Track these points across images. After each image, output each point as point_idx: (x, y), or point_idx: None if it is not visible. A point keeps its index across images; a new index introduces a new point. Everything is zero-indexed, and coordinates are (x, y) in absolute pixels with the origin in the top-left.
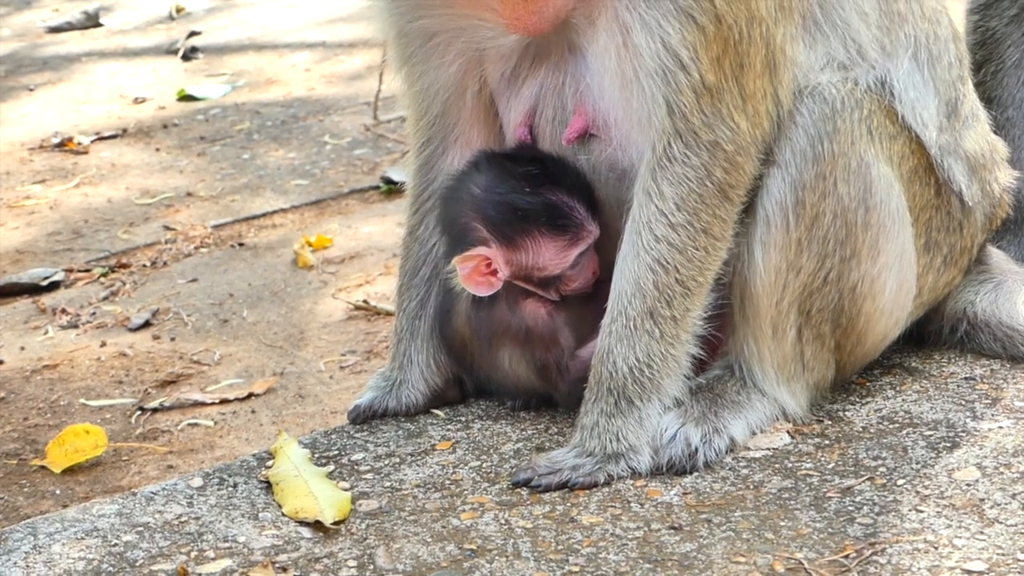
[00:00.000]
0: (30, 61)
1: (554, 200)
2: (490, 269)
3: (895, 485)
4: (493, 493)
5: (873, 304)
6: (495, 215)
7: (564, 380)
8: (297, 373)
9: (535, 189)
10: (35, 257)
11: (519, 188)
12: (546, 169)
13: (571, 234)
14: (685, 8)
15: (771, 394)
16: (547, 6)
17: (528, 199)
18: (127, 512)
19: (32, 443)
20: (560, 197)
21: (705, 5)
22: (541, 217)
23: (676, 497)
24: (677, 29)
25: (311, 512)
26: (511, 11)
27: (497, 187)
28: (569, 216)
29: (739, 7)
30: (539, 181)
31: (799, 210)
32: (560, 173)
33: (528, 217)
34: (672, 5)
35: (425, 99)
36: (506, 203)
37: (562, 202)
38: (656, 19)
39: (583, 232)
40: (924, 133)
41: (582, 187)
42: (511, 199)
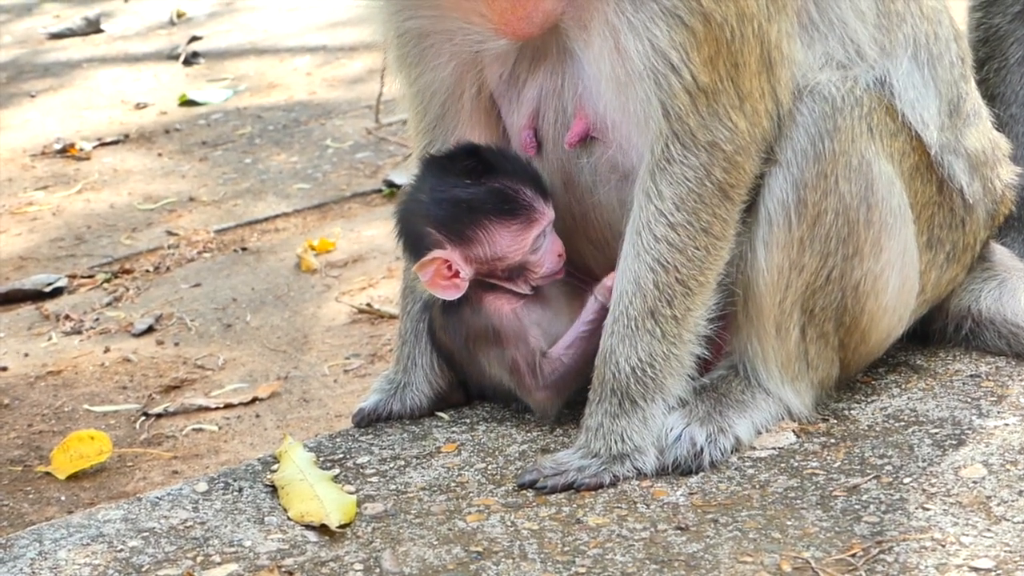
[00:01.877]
0: (31, 67)
1: (497, 187)
2: (452, 271)
3: (901, 483)
4: (499, 495)
5: (876, 302)
6: (442, 213)
7: (538, 383)
8: (301, 377)
9: (476, 180)
10: (38, 263)
11: (460, 183)
12: (484, 160)
13: (522, 217)
14: (671, 9)
15: (776, 393)
16: (535, 11)
17: (470, 190)
18: (132, 518)
19: (37, 449)
20: (503, 183)
21: (692, 5)
22: (487, 205)
23: (682, 497)
24: (665, 31)
25: (317, 516)
26: (499, 16)
27: (439, 187)
28: (515, 199)
29: (728, 5)
30: (479, 172)
31: (801, 209)
32: (499, 161)
33: (474, 207)
34: (658, 7)
35: (423, 101)
36: (450, 199)
37: (506, 187)
38: (643, 22)
39: (534, 214)
40: (924, 133)
41: (525, 172)
42: (453, 194)
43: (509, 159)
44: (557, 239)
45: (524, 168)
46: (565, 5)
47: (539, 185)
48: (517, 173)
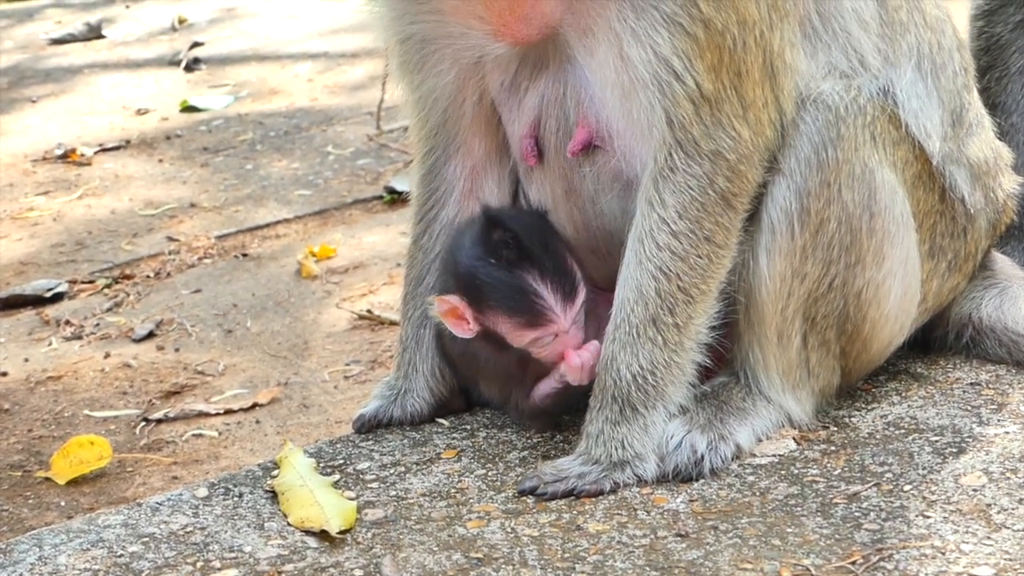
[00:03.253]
0: (33, 73)
1: (516, 281)
2: (462, 316)
3: (902, 491)
4: (499, 501)
5: (878, 310)
6: (462, 275)
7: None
8: (301, 383)
9: (502, 264)
10: (39, 269)
11: (486, 259)
12: (521, 247)
13: (527, 319)
14: (672, 16)
15: (776, 401)
16: (533, 12)
17: (491, 273)
18: (132, 523)
19: (36, 455)
20: (526, 279)
21: (692, 11)
22: (498, 293)
23: (682, 504)
24: (666, 38)
25: (317, 521)
26: (498, 19)
27: (471, 249)
28: (527, 300)
29: (728, 11)
30: (510, 256)
31: (804, 217)
32: (536, 253)
33: (487, 290)
34: (659, 14)
35: (425, 108)
36: (470, 269)
37: (526, 285)
38: (645, 29)
39: (542, 321)
40: (927, 143)
41: (557, 273)
42: (475, 267)
43: (551, 253)
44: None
45: (560, 268)
46: (564, 9)
47: (568, 287)
48: (548, 272)
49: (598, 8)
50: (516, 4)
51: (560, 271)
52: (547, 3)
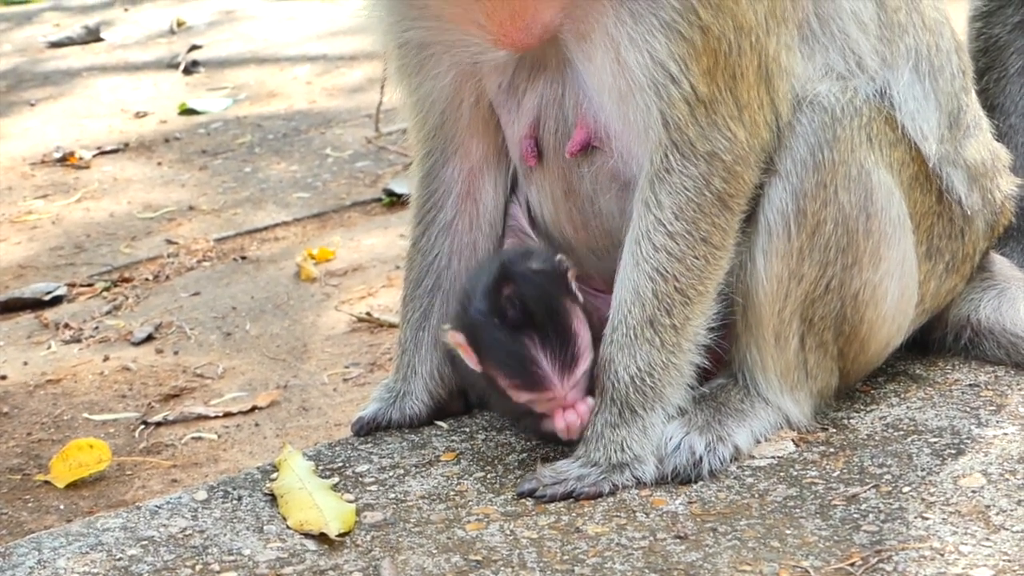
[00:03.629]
0: (31, 76)
1: (516, 348)
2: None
3: (900, 492)
4: (498, 504)
5: (875, 311)
6: (468, 325)
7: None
8: (300, 386)
9: (505, 323)
10: (37, 272)
11: (490, 315)
12: (526, 311)
13: (523, 383)
14: (669, 22)
15: (775, 402)
16: (535, 23)
17: (493, 334)
18: (132, 526)
19: (36, 458)
20: (527, 346)
21: (691, 18)
22: (495, 356)
23: (681, 506)
24: (663, 43)
25: (316, 524)
26: (498, 27)
27: (480, 301)
28: (524, 370)
29: (725, 18)
30: (514, 318)
31: (800, 218)
32: (541, 320)
33: (485, 348)
34: (657, 20)
35: (423, 110)
36: (475, 324)
37: (525, 353)
38: (642, 34)
39: (538, 388)
40: (923, 145)
41: (562, 341)
42: (479, 322)
43: (556, 319)
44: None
45: (564, 336)
46: (564, 17)
47: (569, 356)
48: (550, 341)
49: (595, 14)
50: (517, 14)
51: (564, 340)
52: (547, 12)
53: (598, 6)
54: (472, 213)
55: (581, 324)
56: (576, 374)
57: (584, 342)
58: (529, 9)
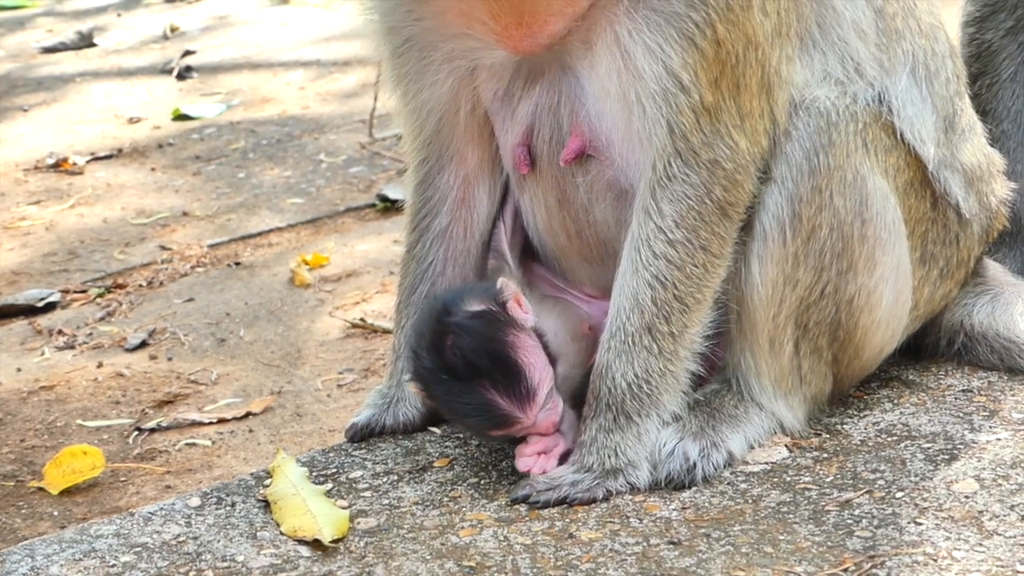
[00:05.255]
0: (24, 82)
1: (469, 399)
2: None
3: (894, 498)
4: (492, 510)
5: (870, 317)
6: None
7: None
8: (294, 392)
9: (454, 379)
10: (31, 278)
11: (438, 372)
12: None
13: (489, 427)
14: (688, 33)
15: (769, 408)
16: (541, 31)
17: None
18: (125, 533)
19: (29, 464)
20: (480, 393)
21: (707, 31)
22: (454, 412)
23: (675, 512)
24: (679, 53)
25: (310, 530)
26: (504, 29)
27: (427, 357)
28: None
29: (738, 33)
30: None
31: (796, 223)
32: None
33: (443, 405)
34: (675, 31)
35: (420, 118)
36: (427, 383)
37: (480, 400)
38: (659, 44)
39: (504, 425)
40: (922, 149)
41: (512, 378)
42: (430, 380)
43: (500, 359)
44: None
45: (513, 372)
46: (571, 25)
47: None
48: (500, 381)
49: (606, 24)
50: (525, 20)
51: (515, 376)
52: (558, 24)
53: (611, 16)
54: (467, 220)
55: (531, 352)
56: (538, 401)
57: (538, 368)
58: (538, 18)
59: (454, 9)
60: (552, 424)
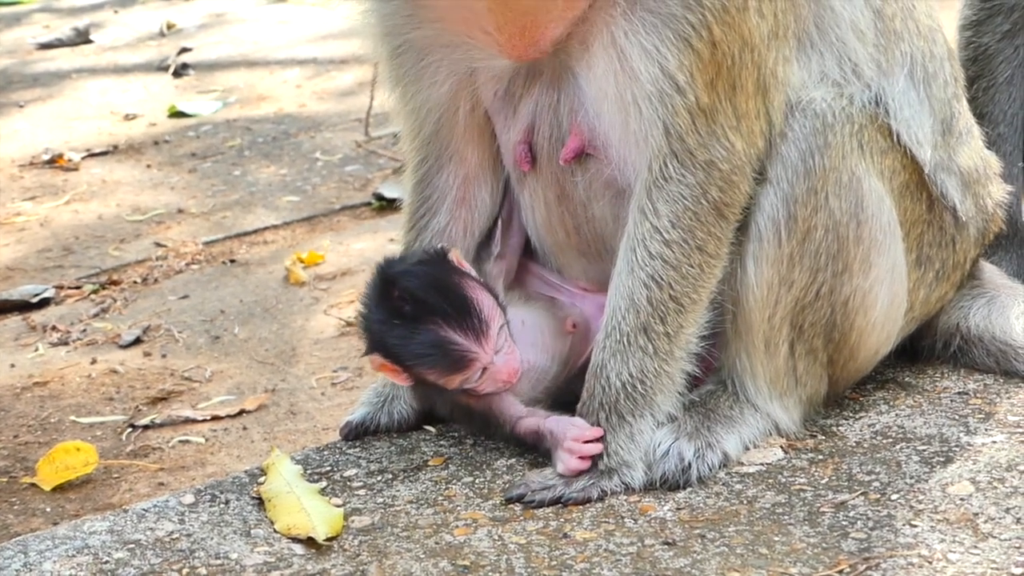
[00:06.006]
0: (20, 78)
1: (423, 338)
2: (394, 369)
3: (889, 500)
4: (486, 509)
5: (865, 318)
6: (376, 341)
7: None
8: (289, 390)
9: (406, 323)
10: (25, 274)
11: (389, 320)
12: (418, 301)
13: (448, 366)
14: (684, 35)
15: (764, 409)
16: (543, 38)
17: (398, 334)
18: (118, 529)
19: (22, 460)
20: (434, 331)
21: (703, 33)
22: (410, 354)
23: (670, 512)
24: (675, 54)
25: (303, 529)
26: (506, 39)
27: (375, 312)
28: (442, 353)
29: (735, 35)
30: (411, 312)
31: (791, 224)
32: (434, 302)
33: (399, 352)
34: (671, 32)
35: (419, 118)
36: (380, 335)
37: (435, 338)
38: (655, 45)
39: (464, 364)
40: (919, 151)
41: (463, 311)
42: (382, 331)
43: (450, 295)
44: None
45: (464, 306)
46: (571, 28)
47: (477, 322)
48: (452, 316)
49: (603, 25)
50: (527, 29)
51: (464, 309)
52: (558, 28)
53: (608, 18)
54: (467, 219)
55: (478, 290)
56: (491, 334)
57: (487, 304)
58: (540, 26)
59: (456, 17)
60: (512, 370)
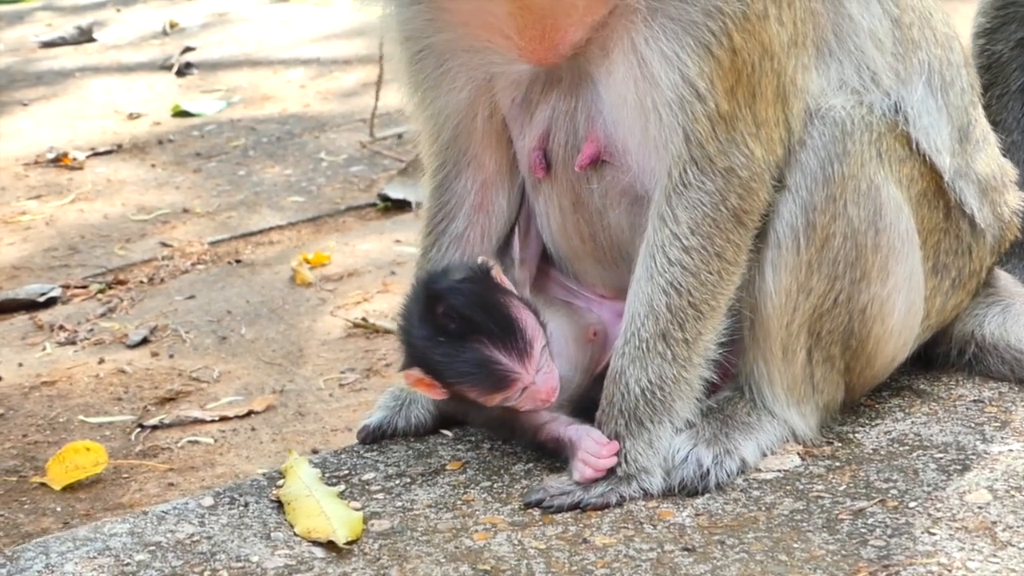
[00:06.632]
0: (23, 76)
1: (468, 355)
2: (431, 384)
3: (907, 507)
4: (505, 513)
5: (882, 326)
6: (418, 356)
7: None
8: (296, 391)
9: (451, 340)
10: (31, 273)
11: (434, 336)
12: (463, 318)
13: (490, 385)
14: (704, 42)
15: (781, 415)
16: (564, 42)
17: (443, 351)
18: (139, 531)
19: (32, 460)
20: (478, 349)
21: (724, 40)
22: (454, 371)
23: (688, 518)
24: (695, 61)
25: (324, 532)
26: (527, 43)
27: (419, 328)
28: (486, 372)
29: (754, 42)
30: (456, 329)
31: (810, 232)
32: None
33: (442, 369)
34: (692, 39)
35: (437, 123)
36: (423, 351)
37: (479, 356)
38: (676, 52)
39: (506, 383)
40: (938, 158)
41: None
42: (426, 347)
43: (495, 314)
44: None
45: (508, 326)
46: (592, 34)
47: (521, 343)
48: (497, 335)
49: (623, 32)
50: (548, 34)
51: (509, 329)
52: (578, 33)
53: (628, 24)
54: (484, 225)
55: (522, 309)
56: (534, 354)
57: (531, 324)
58: (560, 30)
59: (477, 20)
60: (551, 389)
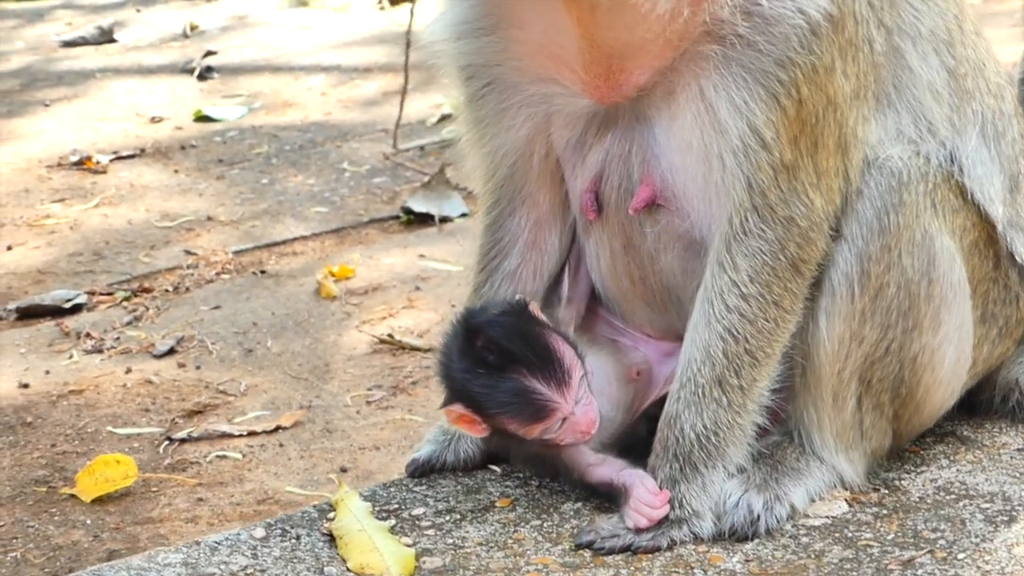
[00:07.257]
0: (45, 75)
1: (508, 385)
2: (472, 420)
3: (955, 559)
4: (556, 554)
5: (932, 375)
6: (458, 389)
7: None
8: (324, 407)
9: (490, 371)
10: (57, 278)
11: (473, 369)
12: (502, 350)
13: (530, 416)
14: (773, 92)
15: (830, 461)
16: (628, 83)
17: (482, 383)
18: (192, 562)
19: (61, 470)
20: (518, 380)
21: (793, 91)
22: (494, 403)
23: (739, 564)
24: (763, 110)
25: (377, 568)
26: (592, 78)
27: (459, 362)
28: (525, 403)
29: (820, 94)
30: (495, 361)
31: (864, 281)
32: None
33: (482, 400)
34: (762, 88)
35: (494, 160)
36: (463, 383)
37: (519, 387)
38: (745, 100)
39: (546, 413)
40: (991, 208)
41: (546, 361)
42: (466, 379)
43: (534, 345)
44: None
45: (547, 357)
46: (657, 76)
47: (560, 373)
48: (536, 366)
49: (690, 77)
50: (613, 72)
51: (548, 360)
52: (644, 75)
53: (698, 70)
54: (537, 262)
55: (560, 341)
56: (573, 385)
57: (569, 355)
58: (626, 71)
59: (546, 52)
60: (591, 421)
